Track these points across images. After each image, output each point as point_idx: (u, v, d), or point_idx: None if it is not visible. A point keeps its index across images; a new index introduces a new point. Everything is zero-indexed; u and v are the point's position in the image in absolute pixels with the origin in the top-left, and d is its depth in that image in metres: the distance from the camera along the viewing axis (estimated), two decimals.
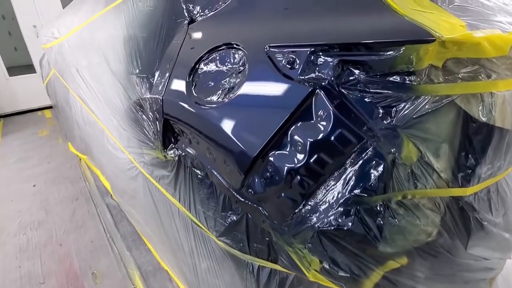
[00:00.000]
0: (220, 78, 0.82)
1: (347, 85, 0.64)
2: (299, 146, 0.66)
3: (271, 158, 0.69)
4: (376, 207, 0.66)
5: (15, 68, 4.95)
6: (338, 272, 0.70)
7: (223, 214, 0.92)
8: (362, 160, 0.64)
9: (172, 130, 1.03)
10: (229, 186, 0.82)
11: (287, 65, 0.68)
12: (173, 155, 1.05)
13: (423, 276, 0.76)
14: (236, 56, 0.81)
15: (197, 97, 0.84)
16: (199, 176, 0.96)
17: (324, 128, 0.64)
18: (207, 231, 1.02)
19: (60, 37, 2.21)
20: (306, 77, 0.66)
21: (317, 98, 0.64)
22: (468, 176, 0.68)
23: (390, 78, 0.62)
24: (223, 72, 0.82)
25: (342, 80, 0.64)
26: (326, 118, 0.64)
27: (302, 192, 0.68)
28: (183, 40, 0.98)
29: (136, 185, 1.51)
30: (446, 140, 0.64)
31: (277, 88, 0.68)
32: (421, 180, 0.66)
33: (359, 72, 0.64)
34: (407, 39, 0.55)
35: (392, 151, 0.63)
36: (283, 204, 0.71)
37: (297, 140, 0.66)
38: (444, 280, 0.82)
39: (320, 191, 0.68)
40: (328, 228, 0.67)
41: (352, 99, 0.64)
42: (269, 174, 0.70)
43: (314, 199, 0.69)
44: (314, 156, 0.65)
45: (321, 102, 0.64)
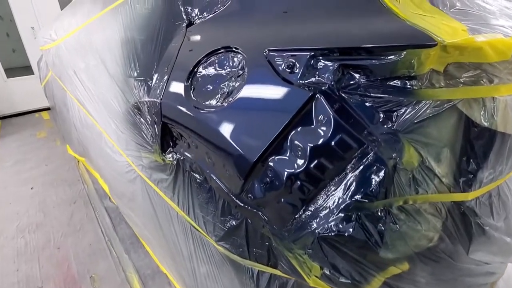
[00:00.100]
0: (219, 82, 0.81)
1: (348, 89, 0.64)
2: (299, 151, 0.65)
3: (271, 163, 0.68)
4: (377, 213, 0.65)
5: (13, 70, 4.93)
6: (339, 278, 0.69)
7: (222, 219, 0.91)
8: (363, 165, 0.64)
9: (170, 134, 1.02)
10: (228, 191, 0.81)
11: (286, 69, 0.67)
12: (171, 158, 1.04)
13: (424, 281, 0.75)
14: (235, 60, 0.80)
15: (195, 101, 0.84)
16: (198, 180, 0.96)
17: (325, 133, 0.63)
18: (206, 235, 1.01)
19: (57, 39, 2.20)
20: (306, 81, 0.65)
21: (317, 103, 0.64)
22: (470, 181, 0.67)
23: (391, 82, 0.61)
24: (222, 76, 0.81)
25: (343, 84, 0.64)
26: (327, 123, 0.63)
27: (302, 198, 0.67)
28: (182, 43, 0.98)
29: (134, 188, 1.50)
30: (448, 144, 0.64)
31: (276, 92, 0.68)
32: (422, 185, 0.65)
33: (359, 76, 0.63)
34: (409, 44, 0.55)
35: (393, 156, 0.62)
36: (283, 209, 0.70)
37: (297, 145, 0.65)
38: (446, 285, 0.81)
39: (321, 197, 0.67)
40: (329, 234, 0.66)
41: (352, 104, 0.63)
42: (269, 179, 0.70)
43: (315, 204, 0.68)
44: (315, 161, 0.64)
45: (321, 107, 0.63)
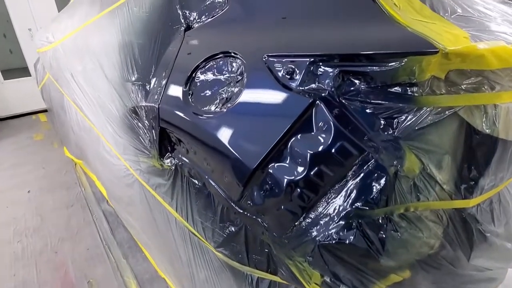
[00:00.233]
0: (217, 87, 0.80)
1: (348, 95, 0.63)
2: (299, 158, 0.64)
3: (270, 170, 0.67)
4: (378, 220, 0.64)
5: (10, 71, 4.91)
6: (340, 286, 0.68)
7: (221, 225, 0.90)
8: (363, 173, 0.63)
9: (168, 139, 1.01)
10: (227, 197, 0.80)
11: (286, 75, 0.67)
12: (169, 164, 1.03)
13: None
14: (234, 65, 0.79)
15: (194, 106, 0.83)
16: (196, 186, 0.95)
17: (325, 140, 0.62)
18: (205, 241, 1.00)
19: (54, 41, 2.19)
20: (306, 87, 0.64)
21: (317, 110, 0.63)
22: (471, 187, 0.67)
23: (392, 89, 0.60)
24: (221, 81, 0.80)
25: (343, 91, 0.63)
26: (327, 129, 0.62)
27: (302, 205, 0.67)
28: (180, 47, 0.97)
29: (132, 192, 1.49)
30: (449, 151, 0.63)
31: (276, 99, 0.67)
32: (423, 192, 0.65)
33: (360, 82, 0.62)
34: (410, 51, 0.54)
35: (394, 163, 0.62)
36: (283, 216, 0.69)
37: (297, 152, 0.64)
38: None
39: (321, 204, 0.67)
40: (329, 241, 0.65)
41: (353, 110, 0.63)
42: (268, 186, 0.69)
43: (315, 211, 0.67)
44: (315, 168, 0.63)
45: (321, 114, 0.63)
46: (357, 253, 0.65)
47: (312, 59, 0.64)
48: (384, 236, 0.65)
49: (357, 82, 0.62)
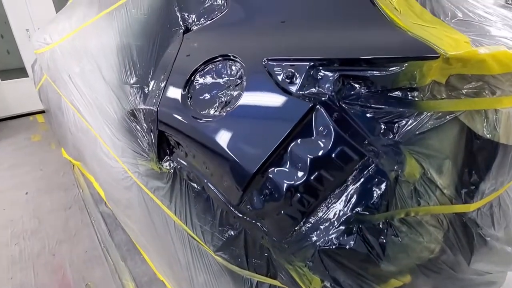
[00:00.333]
0: (216, 91, 0.80)
1: (348, 99, 0.63)
2: (299, 163, 0.64)
3: (270, 175, 0.67)
4: (378, 225, 0.64)
5: (8, 72, 4.88)
6: None
7: (220, 229, 0.90)
8: (364, 178, 0.63)
9: (167, 142, 1.00)
10: (226, 201, 0.80)
11: (286, 79, 0.66)
12: (168, 167, 1.02)
13: None
14: (233, 68, 0.79)
15: (193, 110, 0.82)
16: (195, 189, 0.94)
17: (325, 145, 0.62)
18: (204, 245, 0.99)
19: (52, 42, 2.18)
20: (305, 92, 0.64)
21: (317, 114, 0.63)
22: (472, 192, 0.66)
23: (392, 93, 0.60)
24: (220, 85, 0.80)
25: (343, 95, 0.63)
26: (327, 134, 0.62)
27: (302, 210, 0.66)
28: (178, 50, 0.96)
29: (130, 195, 1.48)
30: (449, 156, 0.63)
31: (276, 103, 0.66)
32: (424, 197, 0.64)
33: (360, 86, 0.62)
34: (411, 56, 0.54)
35: (394, 168, 0.62)
36: (283, 221, 0.69)
37: (297, 156, 0.64)
38: None
39: (321, 209, 0.66)
40: (330, 247, 0.65)
41: (353, 115, 0.62)
42: (268, 191, 0.68)
43: (315, 216, 0.67)
44: (315, 173, 0.63)
45: (321, 118, 0.62)
46: (357, 258, 0.64)
47: (312, 63, 0.63)
48: (384, 241, 0.64)
49: (357, 86, 0.62)
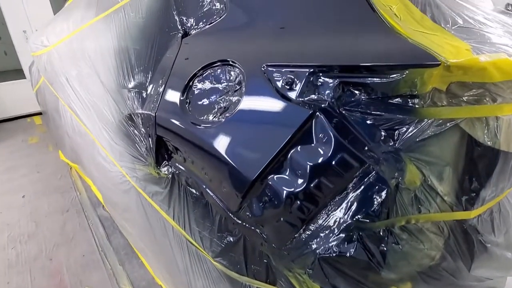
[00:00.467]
0: (215, 97, 0.79)
1: (348, 106, 0.62)
2: (299, 170, 0.63)
3: (270, 182, 0.66)
4: (379, 233, 0.63)
5: (5, 73, 4.86)
6: None
7: (219, 235, 0.89)
8: (364, 185, 0.62)
9: (165, 147, 0.99)
10: (225, 208, 0.79)
11: (285, 85, 0.66)
12: (166, 172, 1.02)
13: None
14: (232, 74, 0.78)
15: (192, 115, 0.81)
16: (194, 195, 0.93)
17: (325, 152, 0.61)
18: (202, 251, 0.99)
19: (49, 45, 2.16)
20: (305, 98, 0.63)
21: (317, 121, 0.62)
22: (472, 199, 0.66)
23: (392, 100, 0.60)
24: (219, 90, 0.79)
25: (343, 102, 0.62)
26: (327, 141, 0.61)
27: (302, 217, 0.66)
28: (177, 54, 0.95)
29: (128, 199, 1.47)
30: (450, 163, 0.63)
31: (275, 109, 0.66)
32: (424, 204, 0.64)
33: (360, 93, 0.62)
34: (411, 63, 0.53)
35: (395, 175, 0.61)
36: (283, 228, 0.68)
37: (296, 163, 0.63)
38: None
39: (321, 216, 0.66)
40: (330, 254, 0.64)
41: (353, 121, 0.62)
42: (267, 198, 0.68)
43: (315, 224, 0.66)
44: (315, 180, 0.62)
45: (321, 125, 0.62)
46: (358, 266, 0.64)
47: (312, 70, 0.63)
48: (385, 248, 0.64)
49: (357, 93, 0.61)
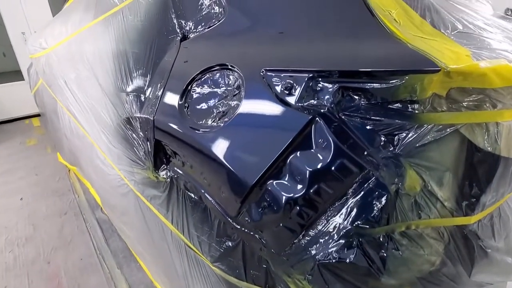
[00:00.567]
0: (214, 101, 0.79)
1: (348, 111, 0.62)
2: (298, 175, 0.63)
3: (269, 187, 0.66)
4: (379, 239, 0.63)
5: (3, 74, 4.85)
6: None
7: (218, 239, 0.88)
8: (364, 191, 0.62)
9: (164, 151, 0.99)
10: (224, 213, 0.79)
11: (284, 90, 0.65)
12: (165, 176, 1.01)
13: None
14: (231, 78, 0.78)
15: (190, 120, 0.81)
16: (192, 199, 0.93)
17: (324, 157, 0.61)
18: (201, 255, 0.98)
19: (47, 47, 2.16)
20: (305, 103, 0.63)
21: (316, 126, 0.62)
22: (472, 204, 0.66)
23: (392, 105, 0.59)
24: (218, 94, 0.79)
25: (342, 107, 0.62)
26: (326, 147, 0.61)
27: (302, 223, 0.65)
28: (175, 58, 0.95)
29: (127, 202, 1.46)
30: (450, 168, 0.62)
31: (274, 115, 0.65)
32: (424, 210, 0.64)
33: (359, 98, 0.61)
34: (411, 69, 0.53)
35: (395, 181, 0.61)
36: (282, 233, 0.68)
37: (296, 169, 0.63)
38: None
39: (321, 222, 0.65)
40: (329, 260, 0.64)
41: (353, 127, 0.61)
42: (266, 203, 0.67)
43: (314, 229, 0.66)
44: (314, 186, 0.62)
45: (320, 130, 0.61)
46: (357, 272, 0.63)
47: (311, 75, 0.62)
48: (385, 254, 0.63)
49: (357, 98, 0.61)
